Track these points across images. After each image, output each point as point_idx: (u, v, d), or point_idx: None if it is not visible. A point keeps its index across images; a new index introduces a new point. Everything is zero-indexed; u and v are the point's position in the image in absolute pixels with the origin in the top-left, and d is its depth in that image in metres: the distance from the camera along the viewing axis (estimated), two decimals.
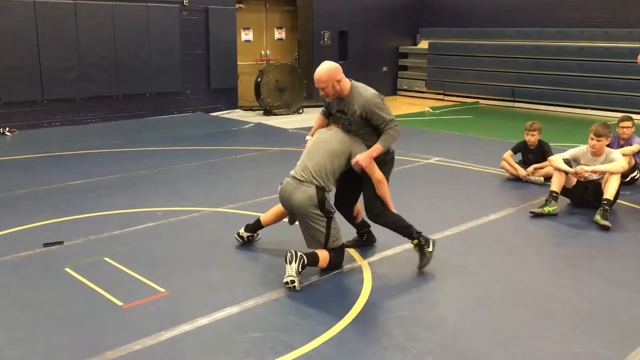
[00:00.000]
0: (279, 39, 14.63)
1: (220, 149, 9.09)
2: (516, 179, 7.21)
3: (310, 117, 12.14)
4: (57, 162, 8.20)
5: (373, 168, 4.46)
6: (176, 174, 7.52)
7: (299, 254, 4.22)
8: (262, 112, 12.73)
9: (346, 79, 4.48)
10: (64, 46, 10.61)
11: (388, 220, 4.59)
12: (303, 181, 4.35)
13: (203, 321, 3.75)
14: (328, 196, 4.40)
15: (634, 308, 4.03)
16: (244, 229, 5.04)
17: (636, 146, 6.81)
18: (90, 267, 4.56)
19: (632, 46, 12.50)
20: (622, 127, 6.92)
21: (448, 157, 8.44)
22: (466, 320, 3.84)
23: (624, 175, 6.22)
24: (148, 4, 11.57)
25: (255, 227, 5.02)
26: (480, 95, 15.03)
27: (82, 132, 10.51)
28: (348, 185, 4.75)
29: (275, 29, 14.55)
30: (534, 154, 7.23)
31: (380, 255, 4.86)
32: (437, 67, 15.79)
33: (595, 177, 6.01)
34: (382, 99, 4.46)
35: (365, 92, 4.45)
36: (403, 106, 14.52)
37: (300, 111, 12.93)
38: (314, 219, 4.32)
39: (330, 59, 4.80)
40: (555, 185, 5.97)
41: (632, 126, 6.95)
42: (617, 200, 5.94)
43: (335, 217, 4.45)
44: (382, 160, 4.51)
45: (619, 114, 8.49)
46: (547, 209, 5.86)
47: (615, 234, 5.44)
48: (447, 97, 15.58)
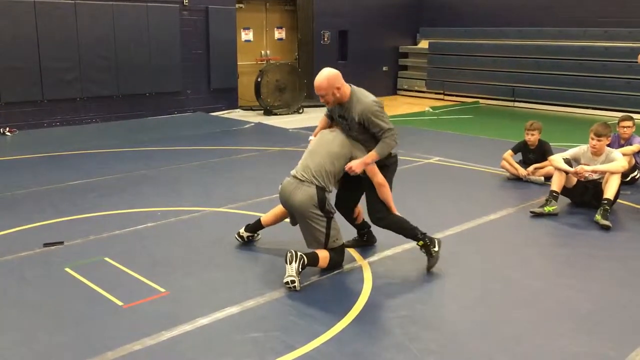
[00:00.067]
0: (279, 39, 14.63)
1: (220, 149, 9.09)
2: (516, 179, 7.21)
3: (310, 117, 12.15)
4: (57, 162, 8.20)
5: (374, 171, 4.45)
6: (176, 174, 7.52)
7: (299, 254, 4.21)
8: (262, 112, 12.72)
9: (346, 85, 4.45)
10: (64, 46, 10.62)
11: (391, 224, 4.58)
12: (304, 181, 4.35)
13: (203, 321, 3.75)
14: (328, 196, 4.40)
15: (634, 308, 4.03)
16: (244, 229, 5.04)
17: (636, 146, 6.81)
18: (90, 267, 4.56)
19: (632, 46, 12.51)
20: (622, 126, 6.92)
21: (448, 157, 8.44)
22: (466, 320, 3.84)
23: (624, 175, 6.22)
24: (148, 4, 11.57)
25: (256, 227, 5.02)
26: (480, 95, 15.02)
27: (82, 132, 10.51)
28: (350, 186, 4.74)
29: (276, 28, 14.55)
30: (534, 153, 7.23)
31: (381, 255, 4.86)
32: (437, 67, 15.78)
33: (595, 176, 6.01)
34: (380, 106, 4.42)
35: (364, 99, 4.41)
36: (403, 106, 14.52)
37: (301, 111, 12.92)
38: (314, 219, 4.32)
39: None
40: (556, 185, 5.97)
41: (633, 126, 6.95)
42: (618, 200, 5.94)
43: (335, 217, 4.45)
44: (383, 164, 4.51)
45: (619, 114, 8.50)
46: (547, 209, 5.85)
47: (616, 234, 5.44)
48: (447, 97, 15.57)
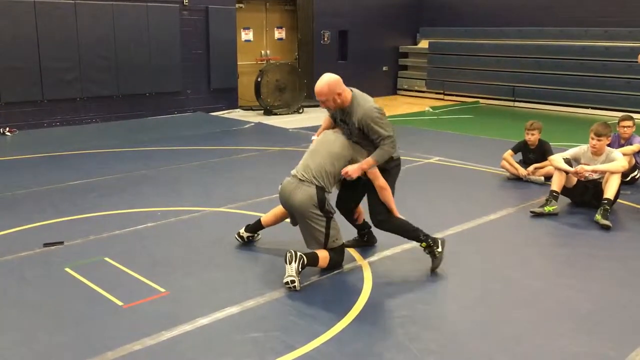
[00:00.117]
0: (279, 39, 14.62)
1: (220, 149, 9.09)
2: (516, 179, 7.21)
3: (310, 116, 12.15)
4: (57, 162, 8.20)
5: (376, 175, 4.44)
6: (176, 174, 7.52)
7: (298, 254, 4.21)
8: (262, 111, 12.72)
9: (347, 90, 4.43)
10: (64, 46, 10.62)
11: (392, 226, 4.57)
12: (304, 180, 4.35)
13: (203, 321, 3.75)
14: (328, 197, 4.40)
15: (634, 308, 4.02)
16: (244, 229, 5.04)
17: (636, 145, 6.80)
18: (90, 267, 4.56)
19: (633, 45, 12.51)
20: (622, 126, 6.92)
21: (448, 157, 8.44)
22: (466, 320, 3.84)
23: (624, 174, 6.22)
24: (148, 4, 11.57)
25: (256, 227, 5.01)
26: (480, 95, 15.02)
27: (82, 132, 10.51)
28: (351, 187, 4.73)
29: (275, 28, 14.54)
30: (535, 153, 7.23)
31: (381, 255, 4.86)
32: (437, 67, 15.78)
33: (595, 176, 6.01)
34: (380, 112, 4.39)
35: (365, 104, 4.40)
36: (403, 106, 14.52)
37: (301, 111, 12.92)
38: (313, 219, 4.32)
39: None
40: (556, 184, 5.97)
41: (633, 125, 6.95)
42: (618, 200, 5.94)
43: (334, 217, 4.45)
44: (383, 168, 4.50)
45: (620, 114, 8.48)
46: (547, 209, 5.85)
47: (616, 234, 5.44)
48: (447, 97, 15.57)
